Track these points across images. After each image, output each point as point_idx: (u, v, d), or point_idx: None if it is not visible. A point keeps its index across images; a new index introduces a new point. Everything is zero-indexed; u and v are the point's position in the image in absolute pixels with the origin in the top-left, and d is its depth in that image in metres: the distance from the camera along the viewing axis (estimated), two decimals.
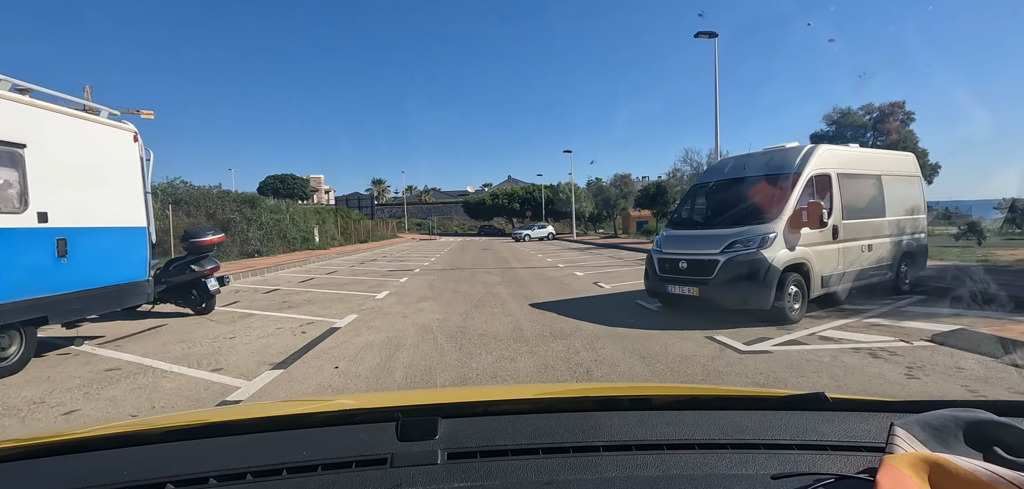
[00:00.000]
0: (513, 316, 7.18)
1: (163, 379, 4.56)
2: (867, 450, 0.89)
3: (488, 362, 4.85)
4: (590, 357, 4.91)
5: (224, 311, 8.13)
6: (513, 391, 1.67)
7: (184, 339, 6.14)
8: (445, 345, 5.53)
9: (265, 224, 21.24)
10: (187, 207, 17.93)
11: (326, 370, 4.71)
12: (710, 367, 4.53)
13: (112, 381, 4.53)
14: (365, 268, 15.88)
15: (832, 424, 0.98)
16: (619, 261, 16.52)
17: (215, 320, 7.38)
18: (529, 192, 63.74)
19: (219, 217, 18.74)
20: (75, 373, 4.80)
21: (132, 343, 6.00)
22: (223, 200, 19.55)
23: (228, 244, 18.47)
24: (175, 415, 1.29)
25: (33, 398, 4.15)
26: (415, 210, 76.94)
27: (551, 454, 0.87)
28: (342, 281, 12.13)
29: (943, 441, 0.72)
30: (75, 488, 0.81)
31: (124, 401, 4.02)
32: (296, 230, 24.55)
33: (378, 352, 5.29)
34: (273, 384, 4.37)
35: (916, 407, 0.94)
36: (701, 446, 0.91)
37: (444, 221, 75.50)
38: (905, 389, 3.92)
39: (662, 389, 1.32)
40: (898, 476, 0.59)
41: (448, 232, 70.27)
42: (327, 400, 1.50)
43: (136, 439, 1.00)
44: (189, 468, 0.84)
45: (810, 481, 0.74)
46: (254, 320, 7.32)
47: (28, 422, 3.69)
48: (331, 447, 0.91)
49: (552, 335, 5.89)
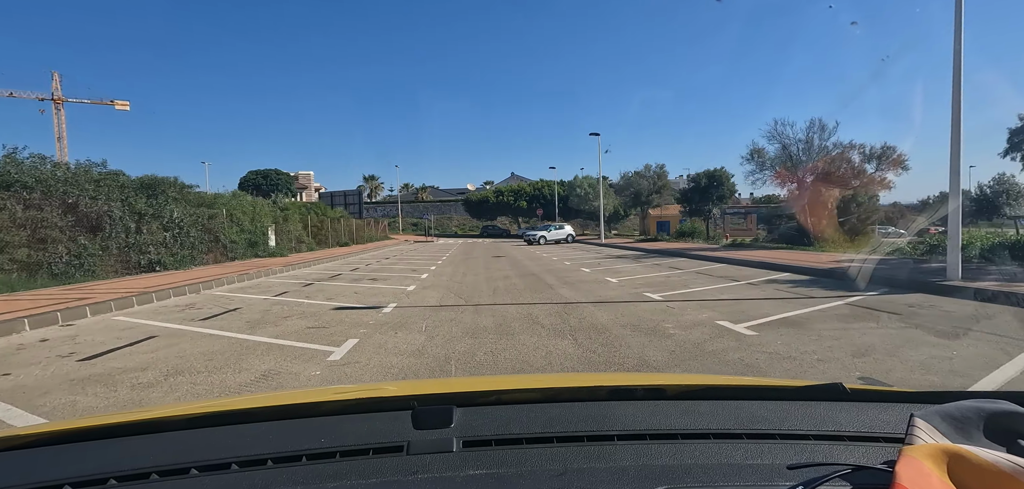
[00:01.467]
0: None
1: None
2: (886, 441, 0.87)
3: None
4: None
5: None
6: (527, 380, 1.70)
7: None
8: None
9: (178, 222, 14.47)
10: (27, 193, 11.11)
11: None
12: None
13: None
14: (296, 300, 9.12)
15: (849, 414, 0.97)
16: (730, 279, 9.93)
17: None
18: (538, 188, 56.96)
19: (86, 209, 11.93)
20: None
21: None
22: (93, 185, 12.63)
23: (97, 252, 11.66)
24: (197, 404, 1.41)
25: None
26: (411, 209, 70.02)
27: (565, 443, 0.87)
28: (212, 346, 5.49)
29: (965, 432, 0.71)
30: (101, 473, 0.81)
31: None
32: (236, 232, 17.75)
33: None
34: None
35: (937, 398, 0.93)
36: (716, 436, 0.89)
37: (443, 220, 68.73)
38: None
39: (676, 379, 1.29)
40: (918, 467, 0.58)
41: (447, 233, 63.52)
42: (344, 389, 1.53)
43: (159, 426, 1.01)
44: (211, 454, 0.85)
45: (827, 472, 0.70)
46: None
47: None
48: (348, 434, 0.92)
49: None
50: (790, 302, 7.31)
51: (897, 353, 4.48)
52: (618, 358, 4.57)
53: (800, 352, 4.57)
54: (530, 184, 57.94)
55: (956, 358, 4.32)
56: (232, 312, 7.55)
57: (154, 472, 0.81)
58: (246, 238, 18.20)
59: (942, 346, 4.70)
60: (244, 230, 18.26)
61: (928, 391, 1.05)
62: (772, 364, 4.26)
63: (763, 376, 3.87)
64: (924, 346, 4.68)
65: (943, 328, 5.40)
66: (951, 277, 8.28)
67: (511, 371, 4.32)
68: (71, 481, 0.79)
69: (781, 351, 4.63)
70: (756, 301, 7.51)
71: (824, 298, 7.54)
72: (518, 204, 56.54)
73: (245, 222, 18.45)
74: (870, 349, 4.62)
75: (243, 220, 18.37)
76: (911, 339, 4.94)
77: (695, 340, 5.14)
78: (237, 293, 9.80)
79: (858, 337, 5.06)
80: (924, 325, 5.54)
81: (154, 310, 7.93)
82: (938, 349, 4.58)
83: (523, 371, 4.32)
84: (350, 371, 4.36)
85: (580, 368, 4.36)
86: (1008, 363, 4.10)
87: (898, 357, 4.36)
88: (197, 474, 0.80)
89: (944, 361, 4.23)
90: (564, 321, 6.26)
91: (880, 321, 5.82)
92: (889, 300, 7.22)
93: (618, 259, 17.08)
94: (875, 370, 4.02)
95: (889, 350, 4.59)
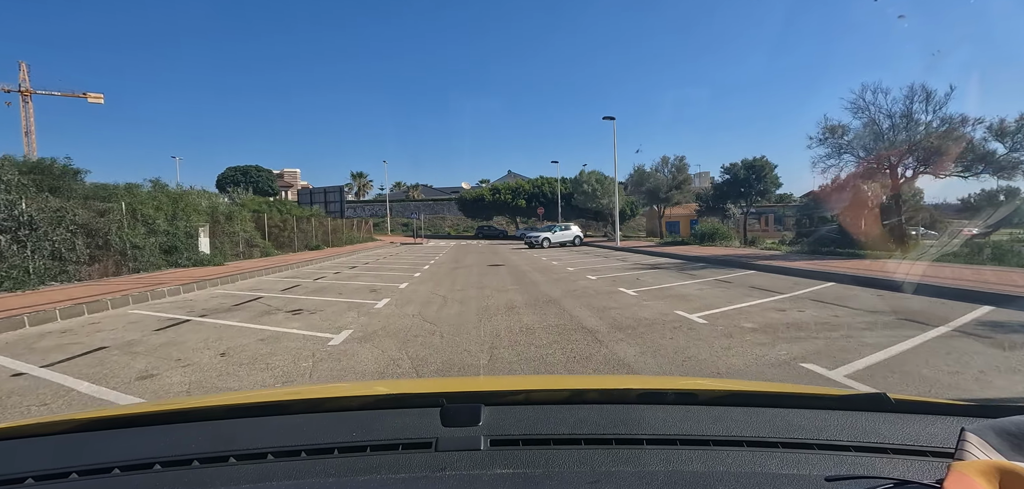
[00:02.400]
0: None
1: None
2: (933, 455, 0.82)
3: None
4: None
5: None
6: (555, 381, 1.64)
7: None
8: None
9: (34, 221, 9.89)
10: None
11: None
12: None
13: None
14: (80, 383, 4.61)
15: (894, 426, 0.93)
16: (917, 323, 5.59)
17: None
18: (538, 186, 52.46)
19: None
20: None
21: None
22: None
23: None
24: (236, 394, 1.41)
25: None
26: (401, 208, 65.23)
27: (593, 445, 0.86)
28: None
29: (1021, 449, 0.65)
30: (146, 459, 0.83)
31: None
32: (143, 235, 13.14)
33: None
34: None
35: (991, 411, 0.91)
36: (749, 443, 0.87)
37: (435, 220, 64.13)
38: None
39: (709, 384, 1.28)
40: (969, 484, 0.54)
41: (439, 233, 58.96)
42: (374, 384, 1.49)
43: (201, 414, 1.03)
44: (249, 444, 0.88)
45: (868, 485, 0.67)
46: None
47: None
48: (379, 429, 0.92)
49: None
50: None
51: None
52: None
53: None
54: (529, 182, 53.39)
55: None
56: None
57: (196, 459, 0.84)
58: (159, 242, 13.60)
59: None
60: (157, 231, 13.64)
61: (981, 403, 0.99)
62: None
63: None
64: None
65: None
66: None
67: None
68: (120, 464, 0.83)
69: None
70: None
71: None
72: (516, 203, 52.05)
73: (159, 221, 13.82)
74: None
75: (155, 218, 13.74)
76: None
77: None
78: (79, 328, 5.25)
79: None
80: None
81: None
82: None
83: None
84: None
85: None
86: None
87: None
88: (235, 462, 0.83)
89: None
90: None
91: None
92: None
93: (659, 272, 12.54)
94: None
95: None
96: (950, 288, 7.59)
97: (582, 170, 42.10)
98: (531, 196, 51.97)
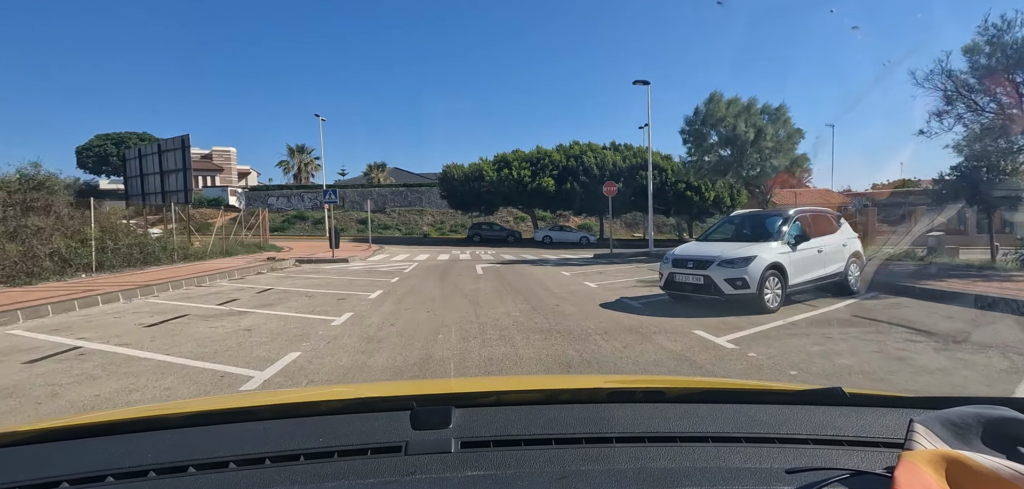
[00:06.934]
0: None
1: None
2: (885, 446, 0.86)
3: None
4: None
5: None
6: (526, 382, 1.68)
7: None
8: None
9: None
10: None
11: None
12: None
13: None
14: None
15: (849, 419, 0.96)
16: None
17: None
18: (576, 155, 31.55)
19: None
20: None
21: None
22: None
23: None
24: (195, 400, 1.29)
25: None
26: (359, 197, 43.84)
27: (564, 445, 0.86)
28: None
29: (964, 438, 0.70)
30: (98, 471, 0.80)
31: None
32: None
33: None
34: None
35: (936, 403, 0.92)
36: (714, 439, 0.88)
37: (410, 215, 43.09)
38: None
39: (676, 381, 1.29)
40: (917, 473, 0.57)
41: (413, 236, 38.01)
42: (342, 388, 1.38)
43: (157, 424, 1.00)
44: (209, 452, 0.84)
45: (826, 476, 0.70)
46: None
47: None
48: (346, 434, 0.90)
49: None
50: None
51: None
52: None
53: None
54: (560, 151, 32.35)
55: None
56: None
57: (152, 470, 0.79)
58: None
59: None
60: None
61: (928, 396, 1.03)
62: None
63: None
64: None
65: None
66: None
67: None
68: (69, 478, 0.78)
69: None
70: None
71: None
72: (538, 184, 31.07)
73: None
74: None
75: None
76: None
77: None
78: None
79: None
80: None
81: None
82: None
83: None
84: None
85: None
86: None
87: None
88: (194, 473, 0.79)
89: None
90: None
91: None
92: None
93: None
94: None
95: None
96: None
97: (715, 95, 19.44)
98: (565, 173, 31.00)
